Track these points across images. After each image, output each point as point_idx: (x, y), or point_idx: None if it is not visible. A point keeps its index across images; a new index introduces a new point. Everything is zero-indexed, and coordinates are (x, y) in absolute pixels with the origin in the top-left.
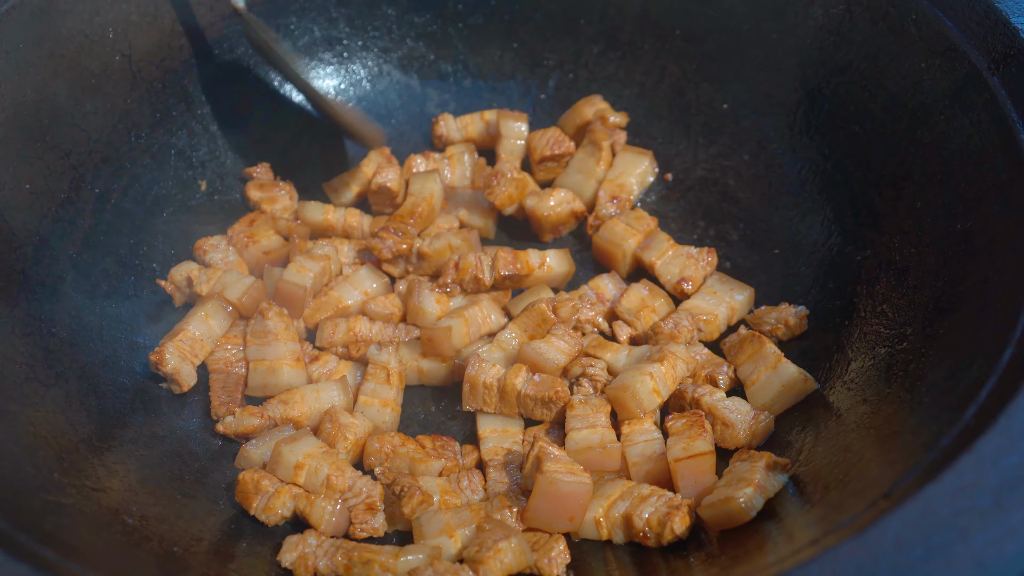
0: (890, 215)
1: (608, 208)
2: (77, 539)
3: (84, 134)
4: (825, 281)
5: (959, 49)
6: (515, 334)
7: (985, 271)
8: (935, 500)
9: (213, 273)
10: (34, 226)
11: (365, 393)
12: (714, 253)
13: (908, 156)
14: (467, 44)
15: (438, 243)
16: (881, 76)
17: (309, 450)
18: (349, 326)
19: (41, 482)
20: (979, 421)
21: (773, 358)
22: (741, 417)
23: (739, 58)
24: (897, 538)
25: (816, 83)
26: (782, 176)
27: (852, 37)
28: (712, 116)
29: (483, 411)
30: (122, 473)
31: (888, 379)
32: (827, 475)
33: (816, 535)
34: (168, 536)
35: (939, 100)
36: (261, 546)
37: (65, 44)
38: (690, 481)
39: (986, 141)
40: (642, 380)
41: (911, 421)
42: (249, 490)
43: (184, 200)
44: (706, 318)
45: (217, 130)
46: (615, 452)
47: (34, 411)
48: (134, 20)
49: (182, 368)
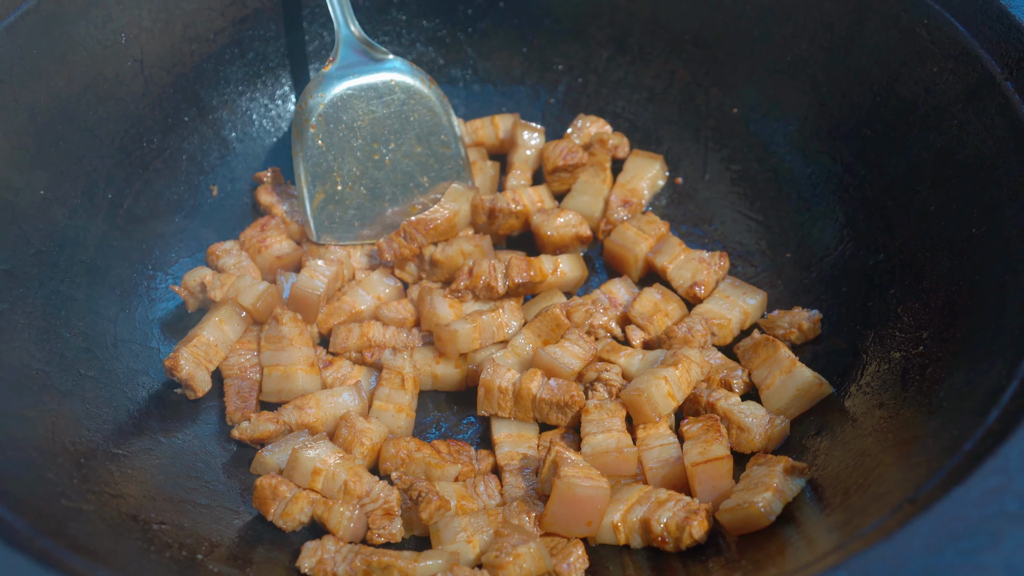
0: (903, 219)
1: (619, 212)
2: (99, 545)
3: (97, 139)
4: (838, 285)
5: (972, 53)
6: (529, 339)
7: (1001, 275)
8: (963, 505)
9: (227, 278)
10: (48, 232)
11: (380, 398)
12: (726, 257)
13: (921, 160)
14: (477, 49)
15: (451, 249)
16: (893, 81)
17: (326, 456)
18: (363, 331)
19: (62, 488)
20: (1003, 425)
21: (787, 362)
22: (757, 421)
23: (749, 63)
24: (926, 543)
25: (827, 88)
26: (793, 180)
27: (863, 42)
28: (722, 121)
29: (498, 416)
30: (139, 479)
31: (904, 383)
32: (846, 480)
33: (840, 540)
34: (188, 542)
35: (952, 105)
36: (279, 552)
37: (78, 50)
38: (708, 485)
39: (1000, 145)
40: (657, 384)
41: (930, 425)
42: (266, 496)
43: (196, 205)
44: (719, 322)
45: (227, 135)
46: (631, 456)
47: (53, 418)
48: (146, 25)
49: (197, 374)
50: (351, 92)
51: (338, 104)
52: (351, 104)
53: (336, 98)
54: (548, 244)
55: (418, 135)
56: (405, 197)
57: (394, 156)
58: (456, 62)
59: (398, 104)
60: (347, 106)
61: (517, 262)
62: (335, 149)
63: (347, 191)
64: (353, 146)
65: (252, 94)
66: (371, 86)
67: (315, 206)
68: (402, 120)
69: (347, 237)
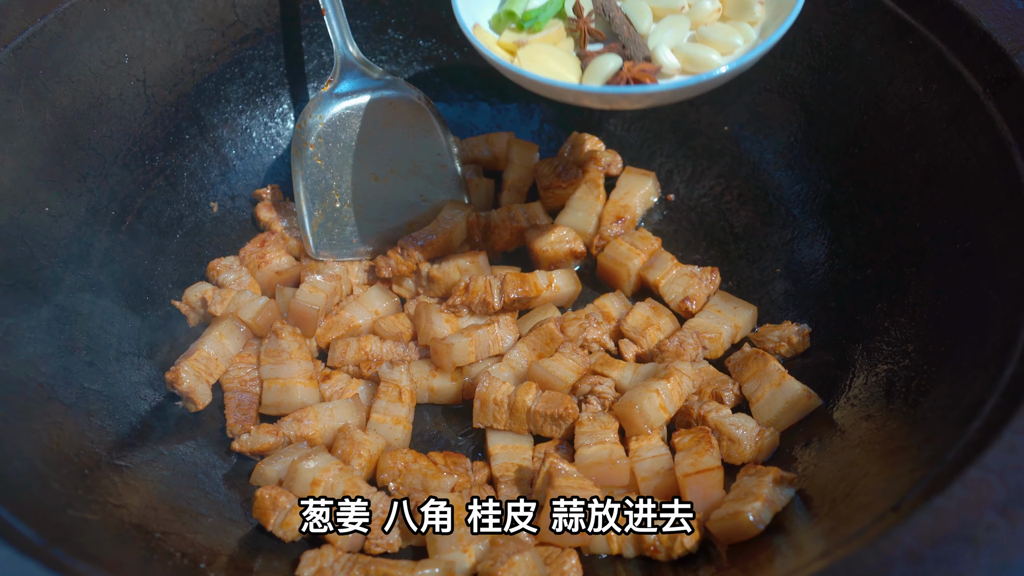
0: (890, 235)
1: (612, 228)
2: (105, 554)
3: (100, 157)
4: (827, 300)
5: (956, 73)
6: (524, 353)
7: (985, 290)
8: (944, 513)
9: (227, 294)
10: (53, 248)
11: (377, 411)
12: (717, 272)
13: (907, 177)
14: (472, 68)
15: (447, 266)
16: (879, 100)
17: (325, 467)
18: (360, 345)
19: (67, 499)
20: (983, 436)
21: (777, 375)
22: (747, 433)
23: (739, 81)
24: (908, 549)
25: (815, 106)
26: (782, 197)
27: (850, 61)
28: (713, 138)
29: (493, 428)
30: (142, 490)
31: (891, 395)
32: (833, 489)
33: (826, 547)
34: (189, 552)
35: (937, 123)
36: (278, 561)
37: (82, 70)
38: (699, 496)
39: (983, 163)
40: (649, 397)
41: (915, 436)
42: (266, 506)
43: (196, 221)
44: (710, 336)
45: (228, 152)
46: (624, 467)
47: (57, 429)
48: (149, 46)
49: (197, 387)
50: (349, 111)
51: (336, 123)
52: (349, 123)
53: (334, 118)
54: (542, 259)
55: (415, 153)
56: (402, 214)
57: (391, 174)
58: (452, 81)
59: (395, 123)
60: (345, 125)
61: (512, 278)
62: (333, 168)
63: (345, 208)
64: (351, 165)
65: (252, 112)
66: (369, 105)
67: (314, 224)
68: (399, 139)
69: (345, 254)
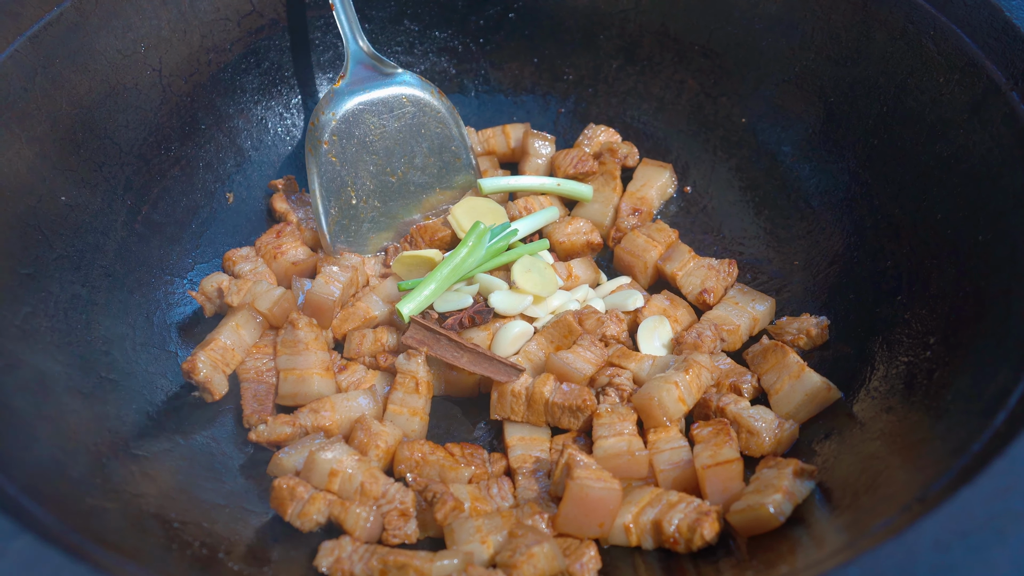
0: (910, 227)
1: (629, 220)
2: (125, 542)
3: (116, 147)
4: (846, 292)
5: (978, 64)
6: (541, 345)
7: (1007, 281)
8: (971, 503)
9: (243, 284)
10: (69, 237)
11: (394, 402)
12: (734, 264)
13: (927, 169)
14: (488, 59)
15: None
16: (899, 91)
17: (343, 458)
18: (376, 336)
19: (86, 487)
20: (1010, 427)
21: (796, 367)
22: (766, 425)
23: (757, 73)
24: (935, 540)
25: (834, 98)
26: (801, 189)
27: (870, 53)
28: (731, 130)
29: (511, 419)
30: (159, 480)
31: (912, 387)
32: (855, 482)
33: (849, 539)
34: (208, 541)
35: (958, 114)
36: (296, 551)
37: (99, 59)
38: (718, 488)
39: (1005, 154)
40: (668, 389)
41: (938, 428)
42: (284, 497)
43: (212, 211)
44: (728, 328)
45: (243, 143)
46: (643, 459)
47: (76, 418)
48: (165, 35)
49: (214, 377)
50: (362, 107)
51: (350, 120)
52: (362, 119)
53: (347, 114)
54: (560, 251)
55: (429, 147)
56: (418, 208)
57: (406, 169)
58: (468, 72)
59: (408, 117)
60: (358, 121)
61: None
62: (348, 164)
63: (361, 204)
64: (366, 160)
65: (267, 103)
66: (381, 100)
67: (331, 222)
68: (413, 133)
69: (362, 249)
